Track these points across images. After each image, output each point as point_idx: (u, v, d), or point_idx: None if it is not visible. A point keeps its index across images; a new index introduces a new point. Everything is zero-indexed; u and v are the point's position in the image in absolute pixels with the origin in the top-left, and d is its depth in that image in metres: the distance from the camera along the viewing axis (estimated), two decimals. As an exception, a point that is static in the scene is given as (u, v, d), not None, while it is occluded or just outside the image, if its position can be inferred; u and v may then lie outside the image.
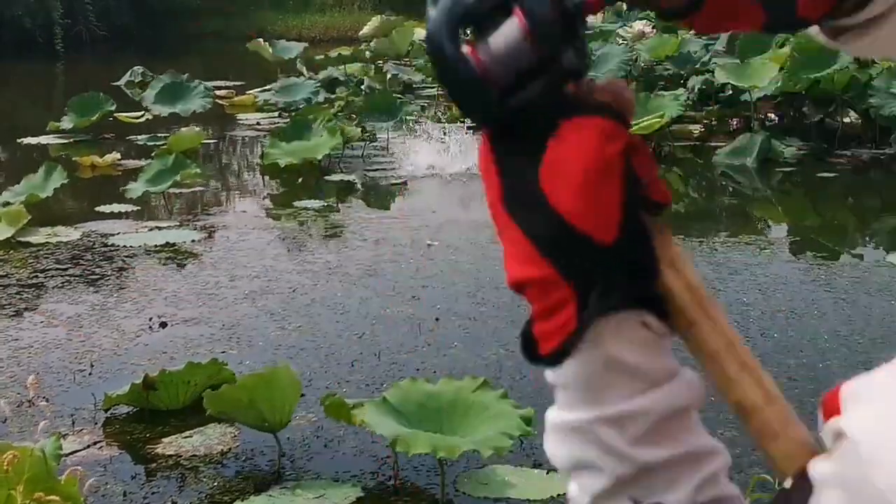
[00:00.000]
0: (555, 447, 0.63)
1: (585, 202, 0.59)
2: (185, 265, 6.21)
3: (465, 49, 0.59)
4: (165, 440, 3.84)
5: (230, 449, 3.76)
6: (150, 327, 5.02)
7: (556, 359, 0.61)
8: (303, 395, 3.82)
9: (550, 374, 0.62)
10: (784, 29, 0.73)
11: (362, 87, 12.46)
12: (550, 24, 0.58)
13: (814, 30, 0.76)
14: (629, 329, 0.60)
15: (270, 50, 15.99)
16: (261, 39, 16.06)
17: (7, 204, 7.07)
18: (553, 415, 0.63)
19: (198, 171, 8.05)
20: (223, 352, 4.63)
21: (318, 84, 12.68)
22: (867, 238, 7.01)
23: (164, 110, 11.40)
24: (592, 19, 14.01)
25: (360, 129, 9.87)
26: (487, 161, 0.62)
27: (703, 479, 0.62)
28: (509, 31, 0.58)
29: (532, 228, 0.59)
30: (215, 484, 3.52)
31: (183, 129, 9.95)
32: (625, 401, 0.60)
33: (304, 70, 14.52)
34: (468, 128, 9.48)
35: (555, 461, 0.63)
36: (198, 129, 10.04)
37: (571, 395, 0.61)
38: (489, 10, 0.59)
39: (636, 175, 0.60)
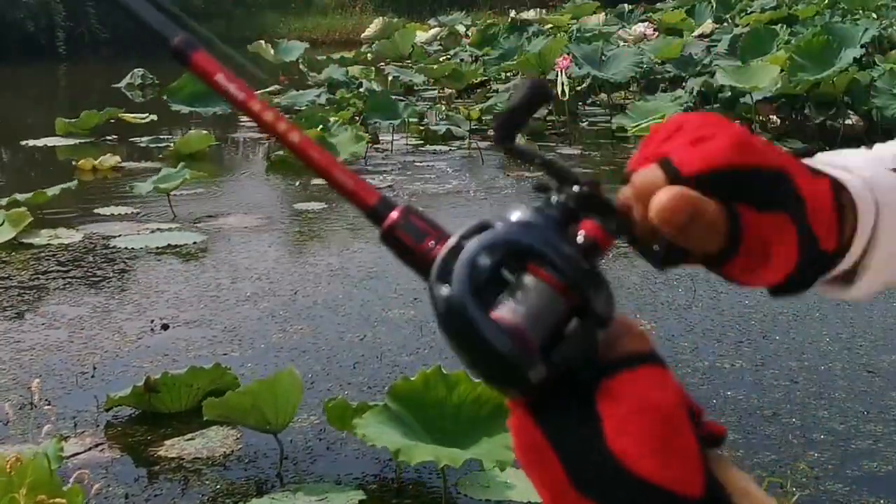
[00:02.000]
0: None
1: (669, 459, 0.54)
2: (186, 267, 6.21)
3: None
4: (167, 443, 3.84)
5: (232, 451, 3.76)
6: (152, 329, 5.02)
7: None
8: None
9: None
10: (806, 277, 0.68)
11: (361, 89, 12.48)
12: (580, 270, 0.56)
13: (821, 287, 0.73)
14: None
15: (272, 52, 16.00)
16: (262, 41, 16.09)
17: (11, 204, 7.07)
18: None
19: (201, 172, 8.06)
20: (225, 354, 4.63)
21: (324, 88, 12.74)
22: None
23: (182, 107, 11.28)
24: (596, 21, 13.94)
25: (367, 134, 9.88)
26: (535, 441, 0.55)
27: None
28: (532, 286, 0.55)
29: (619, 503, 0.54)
30: (218, 487, 3.52)
31: (191, 131, 9.96)
32: None
33: (308, 71, 14.52)
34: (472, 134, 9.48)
35: None
36: (205, 132, 10.05)
37: None
38: (497, 271, 0.55)
39: (694, 413, 0.56)
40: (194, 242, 6.66)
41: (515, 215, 0.57)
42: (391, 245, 0.60)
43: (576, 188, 0.58)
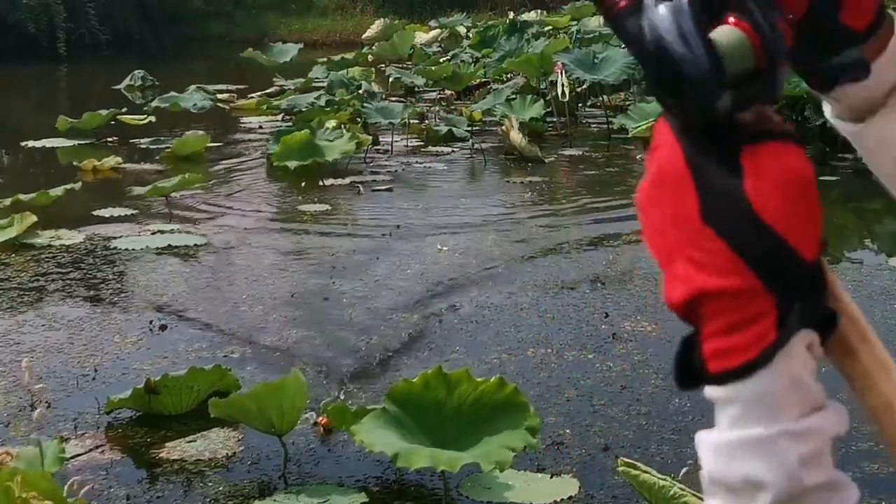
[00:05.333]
0: (724, 466, 0.63)
1: (798, 219, 0.61)
2: (186, 268, 6.20)
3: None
4: (169, 444, 3.84)
5: (234, 454, 3.76)
6: (151, 331, 5.02)
7: (743, 373, 0.62)
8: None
9: (720, 391, 0.64)
10: (819, 45, 0.72)
11: (360, 90, 12.47)
12: (778, 37, 0.62)
13: (829, 111, 0.77)
14: (800, 349, 0.62)
15: (265, 56, 16.01)
16: (251, 48, 16.08)
17: (14, 205, 7.08)
18: (720, 434, 0.64)
19: (201, 175, 8.06)
20: (224, 356, 4.63)
21: (322, 87, 12.76)
22: (868, 242, 7.01)
23: (161, 105, 11.78)
24: (596, 22, 13.91)
25: (369, 135, 9.86)
26: (679, 172, 0.62)
27: None
28: (732, 34, 0.61)
29: (740, 240, 0.60)
30: (219, 489, 3.52)
31: (187, 132, 9.96)
32: (803, 419, 0.63)
33: (283, 80, 14.48)
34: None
35: (718, 481, 0.63)
36: (202, 132, 10.03)
37: (750, 411, 0.63)
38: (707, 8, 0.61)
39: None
40: (195, 244, 6.66)
41: None
42: None
43: None
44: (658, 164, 0.63)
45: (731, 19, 0.61)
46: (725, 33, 0.61)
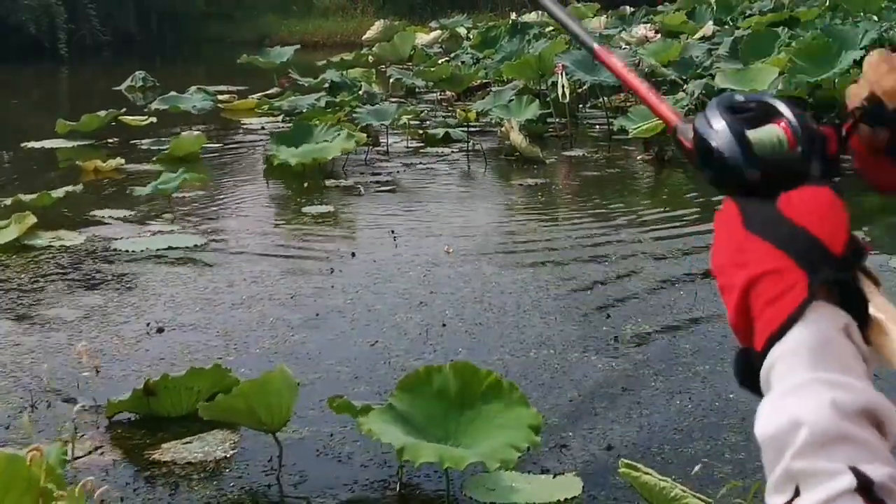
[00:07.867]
0: (775, 419, 0.73)
1: (823, 220, 0.78)
2: (186, 270, 6.19)
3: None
4: (167, 446, 3.83)
5: (232, 455, 3.75)
6: (149, 332, 5.01)
7: (782, 331, 0.76)
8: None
9: (768, 360, 0.76)
10: None
11: (360, 91, 12.47)
12: (809, 132, 0.85)
13: None
14: (832, 318, 0.76)
15: (262, 59, 16.06)
16: (246, 54, 16.14)
17: (15, 206, 7.08)
18: (770, 394, 0.75)
19: (202, 175, 8.05)
20: (220, 358, 4.61)
21: (325, 89, 12.78)
22: (870, 243, 7.00)
23: (162, 106, 11.97)
24: (597, 24, 13.89)
25: (365, 135, 9.85)
26: (731, 212, 0.83)
27: (889, 475, 0.70)
28: (769, 130, 0.86)
29: (775, 235, 0.79)
30: (217, 491, 3.51)
31: (183, 133, 9.94)
32: (841, 374, 0.73)
33: (296, 75, 14.51)
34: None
35: (771, 438, 0.73)
36: (197, 132, 10.01)
37: (790, 364, 0.74)
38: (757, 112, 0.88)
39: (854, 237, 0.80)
40: (195, 245, 6.65)
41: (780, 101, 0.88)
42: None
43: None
44: (722, 212, 0.84)
45: (774, 121, 0.86)
46: (764, 130, 0.86)
